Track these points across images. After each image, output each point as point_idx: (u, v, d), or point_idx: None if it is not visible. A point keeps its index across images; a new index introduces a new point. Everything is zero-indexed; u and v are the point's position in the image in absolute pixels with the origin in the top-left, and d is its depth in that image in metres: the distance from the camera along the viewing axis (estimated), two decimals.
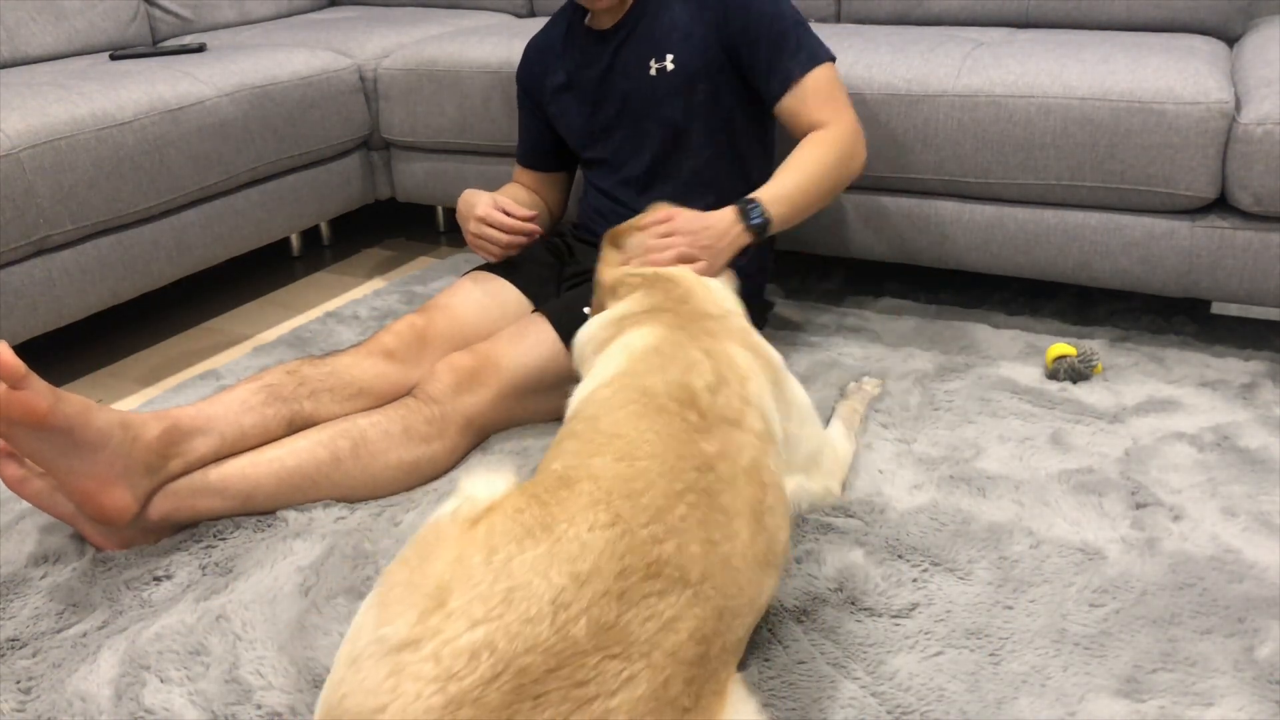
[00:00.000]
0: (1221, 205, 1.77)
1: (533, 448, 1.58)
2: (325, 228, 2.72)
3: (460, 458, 1.55)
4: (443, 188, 2.47)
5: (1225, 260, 1.77)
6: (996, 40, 2.05)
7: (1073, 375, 1.75)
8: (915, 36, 2.07)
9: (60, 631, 1.26)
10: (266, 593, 1.29)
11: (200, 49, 2.39)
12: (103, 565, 1.36)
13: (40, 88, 1.94)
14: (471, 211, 1.75)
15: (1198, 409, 1.65)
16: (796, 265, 2.32)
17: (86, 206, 1.88)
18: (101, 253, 1.94)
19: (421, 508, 1.46)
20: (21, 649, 1.23)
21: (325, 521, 1.42)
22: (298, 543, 1.38)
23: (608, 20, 1.76)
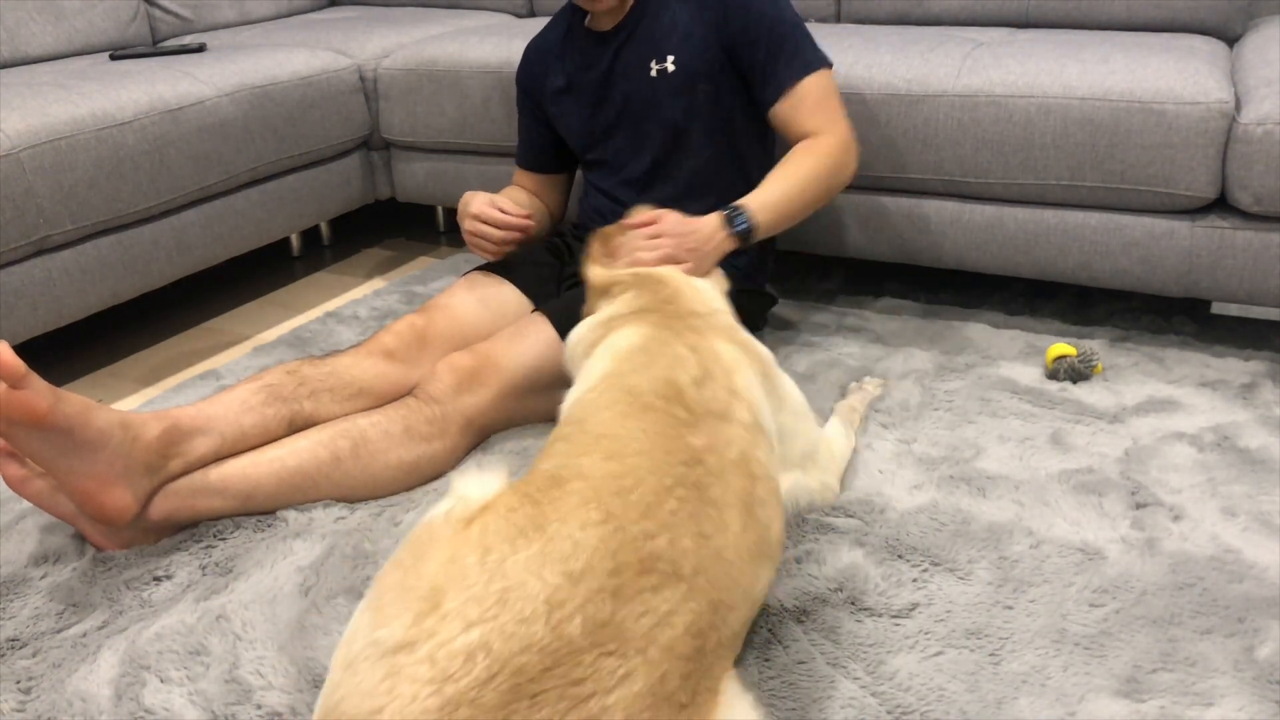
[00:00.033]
0: (1221, 205, 1.77)
1: (533, 448, 1.58)
2: (325, 228, 2.72)
3: (461, 457, 1.56)
4: (443, 188, 2.47)
5: (1225, 260, 1.77)
6: (996, 40, 2.05)
7: (1073, 375, 1.75)
8: (915, 36, 2.07)
9: (60, 631, 1.26)
10: (266, 593, 1.29)
11: (200, 49, 2.39)
12: (103, 565, 1.36)
13: (40, 88, 1.94)
14: (467, 210, 1.75)
15: (1198, 409, 1.65)
16: (796, 265, 2.32)
17: (86, 206, 1.88)
18: (101, 253, 1.94)
19: (421, 507, 1.46)
20: (21, 649, 1.23)
21: (325, 521, 1.42)
22: (298, 543, 1.38)
23: (608, 22, 1.76)
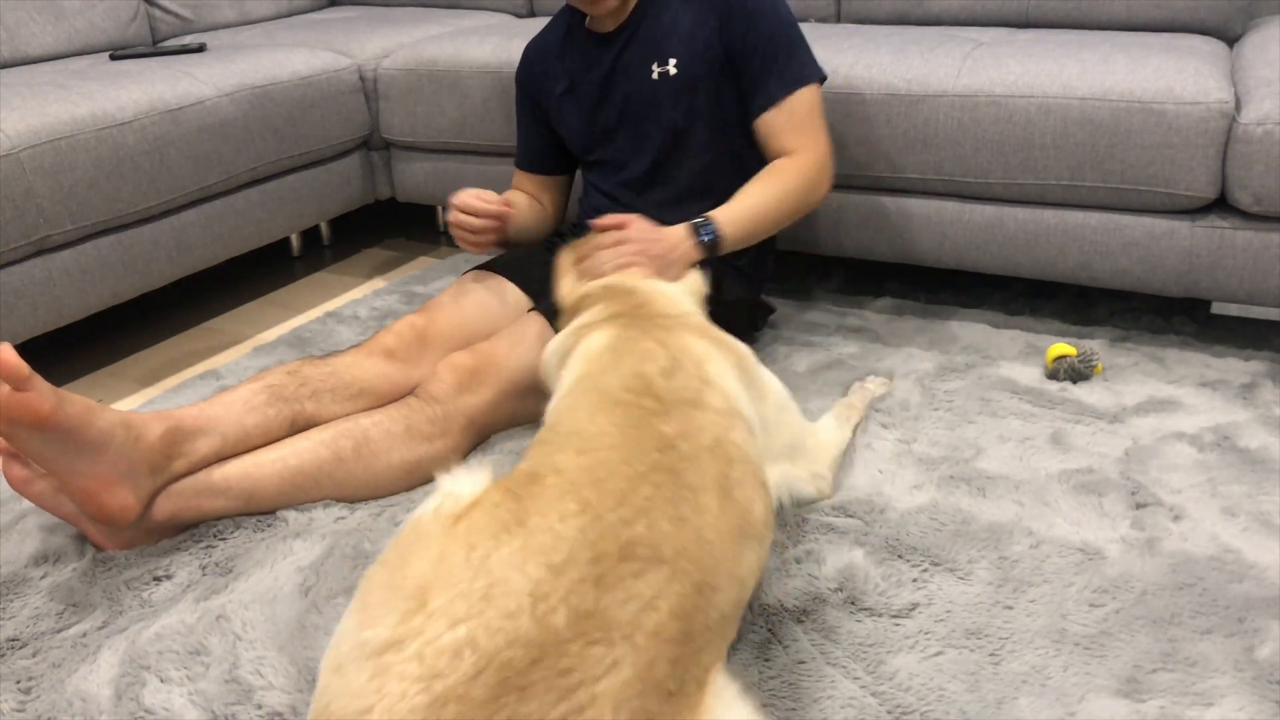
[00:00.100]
0: (1221, 205, 1.77)
1: None
2: (325, 228, 2.72)
3: (462, 457, 1.55)
4: (443, 188, 2.47)
5: (1225, 260, 1.77)
6: (996, 40, 2.05)
7: (1073, 375, 1.75)
8: (915, 36, 2.07)
9: (60, 631, 1.26)
10: (266, 593, 1.29)
11: (200, 49, 2.39)
12: (103, 565, 1.36)
13: (40, 88, 1.94)
14: (451, 203, 1.76)
15: (1198, 409, 1.65)
16: (796, 265, 2.32)
17: (86, 206, 1.88)
18: (101, 253, 1.94)
19: None
20: (21, 649, 1.23)
21: (325, 521, 1.42)
22: (298, 543, 1.38)
23: (610, 23, 1.76)
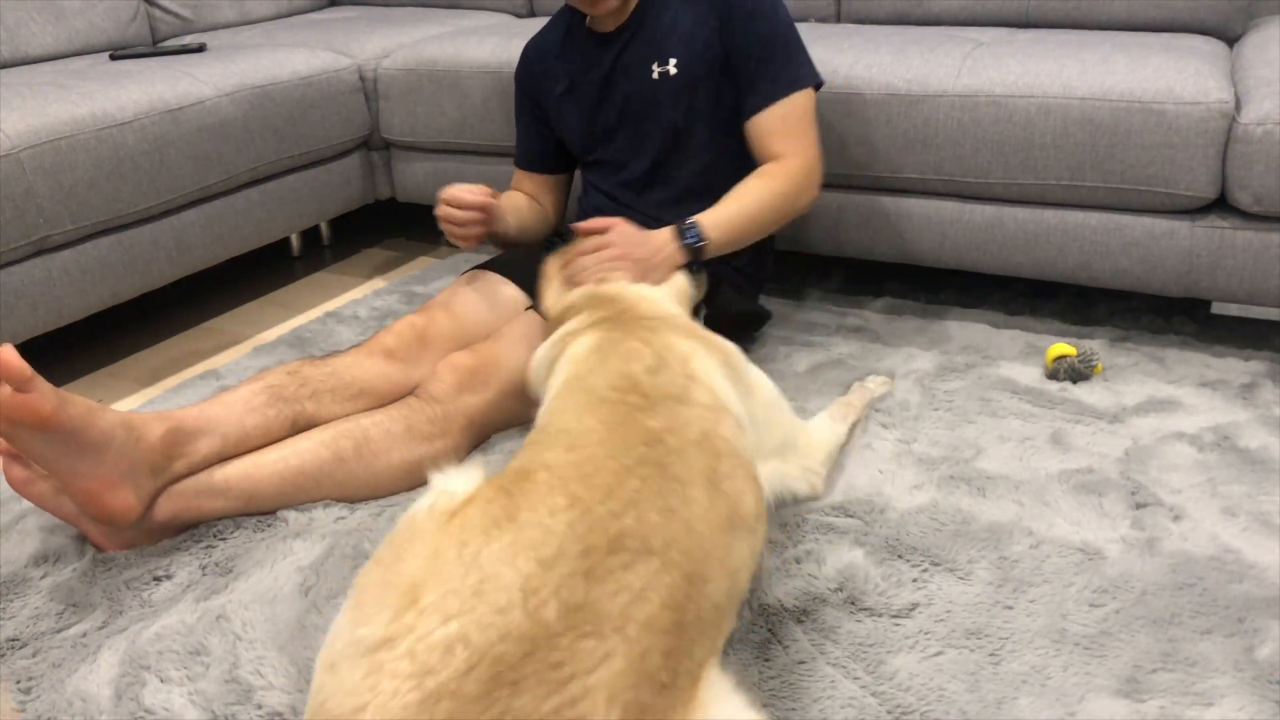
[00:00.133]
0: (1221, 205, 1.77)
1: None
2: (325, 228, 2.72)
3: (463, 457, 1.55)
4: (443, 188, 2.46)
5: (1225, 260, 1.77)
6: (996, 40, 2.05)
7: (1073, 375, 1.75)
8: (915, 36, 2.07)
9: (60, 631, 1.26)
10: (266, 593, 1.29)
11: (200, 49, 2.39)
12: (103, 565, 1.36)
13: (40, 88, 1.94)
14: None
15: (1198, 409, 1.65)
16: (796, 265, 2.32)
17: (86, 206, 1.88)
18: (101, 253, 1.94)
19: None
20: (21, 649, 1.23)
21: (325, 521, 1.42)
22: (298, 543, 1.38)
23: (610, 23, 1.76)
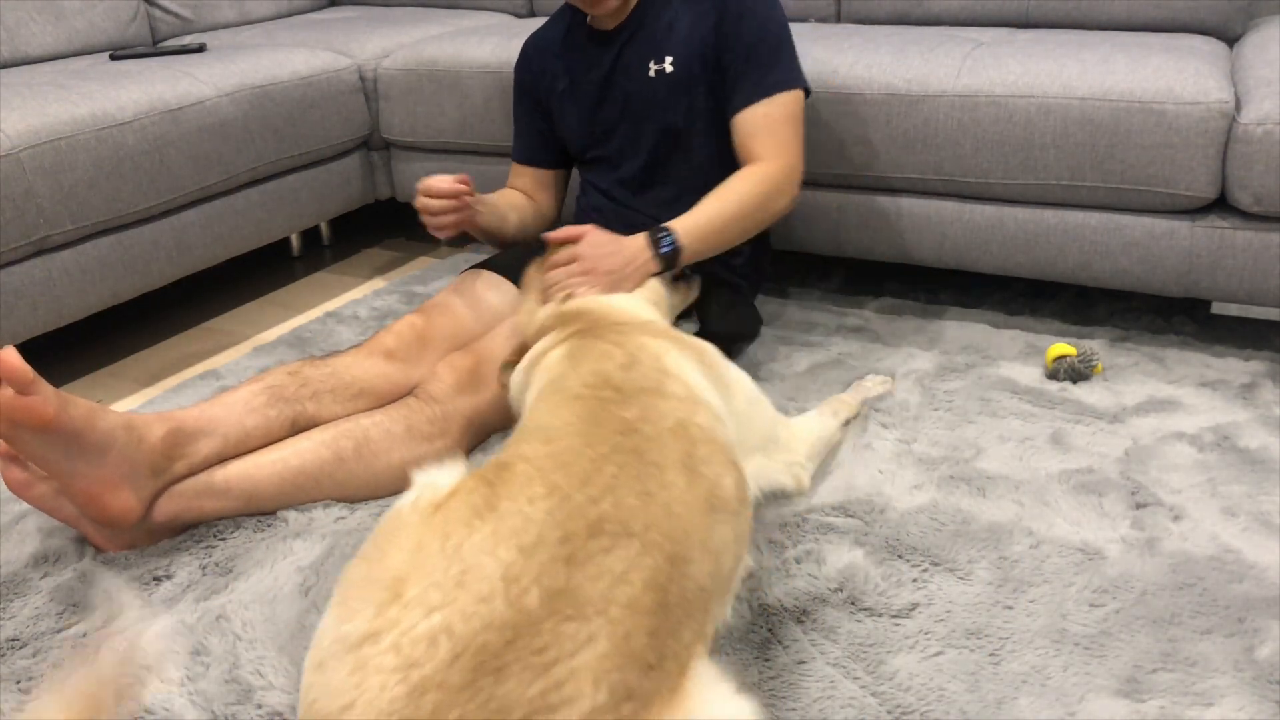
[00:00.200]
0: (1221, 205, 1.77)
1: None
2: (325, 228, 2.72)
3: (463, 457, 1.55)
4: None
5: (1225, 260, 1.77)
6: (996, 40, 2.05)
7: (1073, 375, 1.75)
8: (915, 36, 2.07)
9: (60, 631, 1.26)
10: (266, 593, 1.29)
11: (200, 49, 2.39)
12: (103, 565, 1.36)
13: (40, 88, 1.94)
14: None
15: (1198, 409, 1.65)
16: (796, 265, 2.32)
17: (86, 206, 1.88)
18: (101, 253, 1.94)
19: None
20: (21, 649, 1.23)
21: (325, 521, 1.42)
22: (298, 543, 1.38)
23: (610, 22, 1.76)
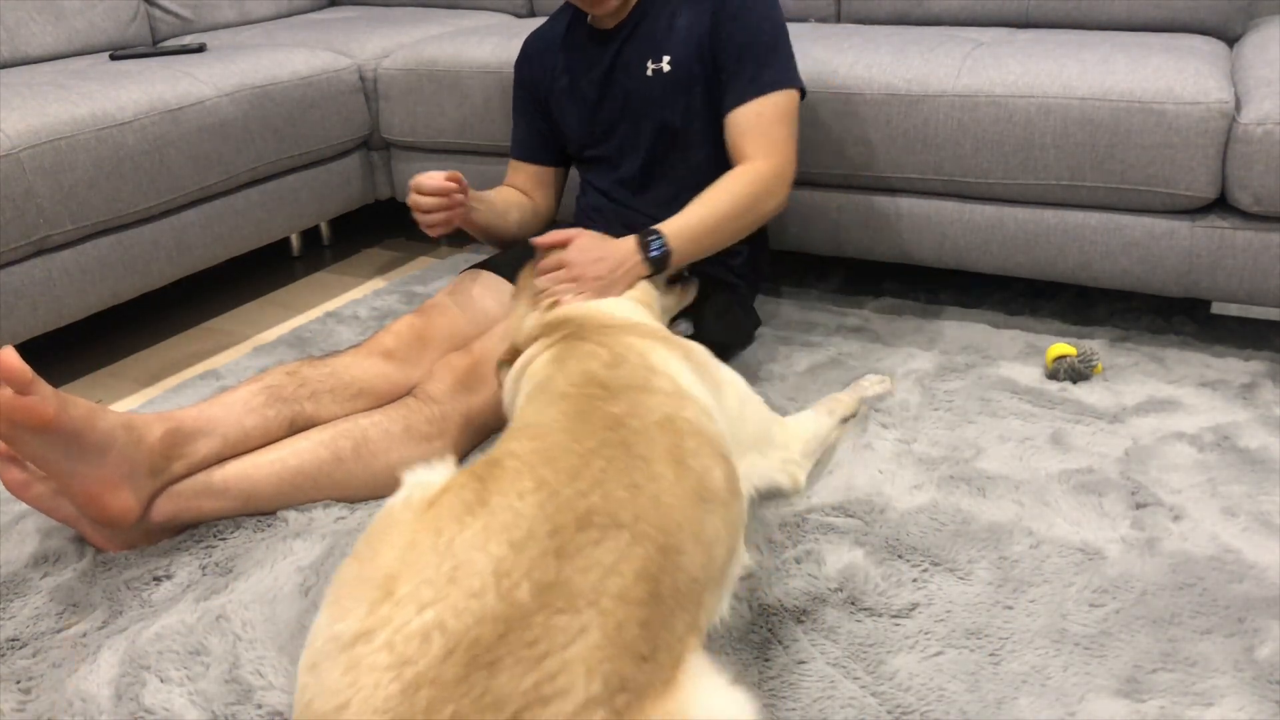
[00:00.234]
0: (1221, 205, 1.77)
1: None
2: (325, 228, 2.72)
3: (461, 457, 1.55)
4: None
5: (1225, 260, 1.77)
6: (996, 40, 2.05)
7: (1073, 375, 1.75)
8: (915, 36, 2.07)
9: (60, 631, 1.26)
10: (266, 593, 1.29)
11: (200, 49, 2.39)
12: (103, 565, 1.36)
13: (40, 88, 1.94)
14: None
15: (1198, 409, 1.65)
16: (796, 265, 2.32)
17: (86, 206, 1.88)
18: (101, 253, 1.94)
19: None
20: (21, 649, 1.23)
21: (325, 521, 1.42)
22: (298, 543, 1.38)
23: (610, 21, 1.76)
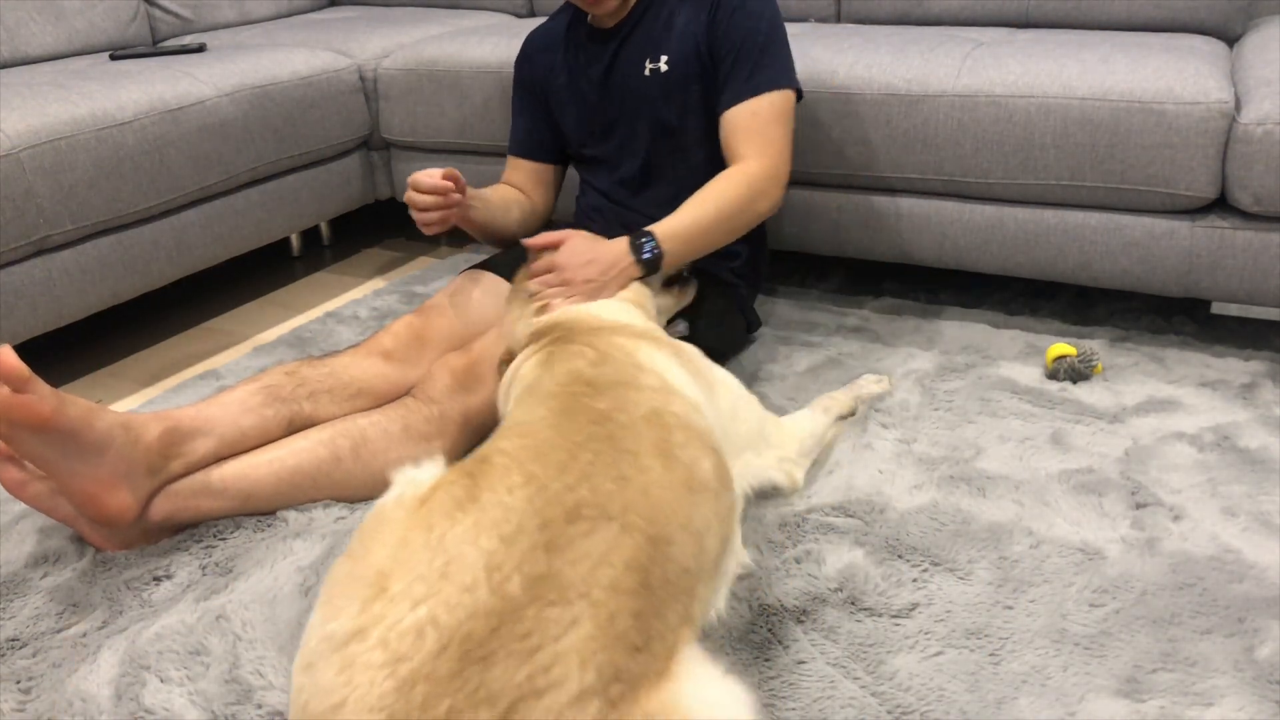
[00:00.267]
0: (1221, 205, 1.77)
1: None
2: (325, 228, 2.72)
3: (460, 457, 1.55)
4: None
5: (1225, 260, 1.77)
6: (996, 40, 2.05)
7: (1073, 375, 1.75)
8: (915, 36, 2.07)
9: (60, 631, 1.26)
10: (266, 593, 1.29)
11: (200, 49, 2.39)
12: (103, 565, 1.36)
13: (40, 88, 1.94)
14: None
15: (1198, 409, 1.65)
16: (796, 265, 2.32)
17: (86, 206, 1.88)
18: (101, 253, 1.94)
19: None
20: (21, 649, 1.23)
21: (325, 521, 1.42)
22: (298, 543, 1.38)
23: (610, 21, 1.76)
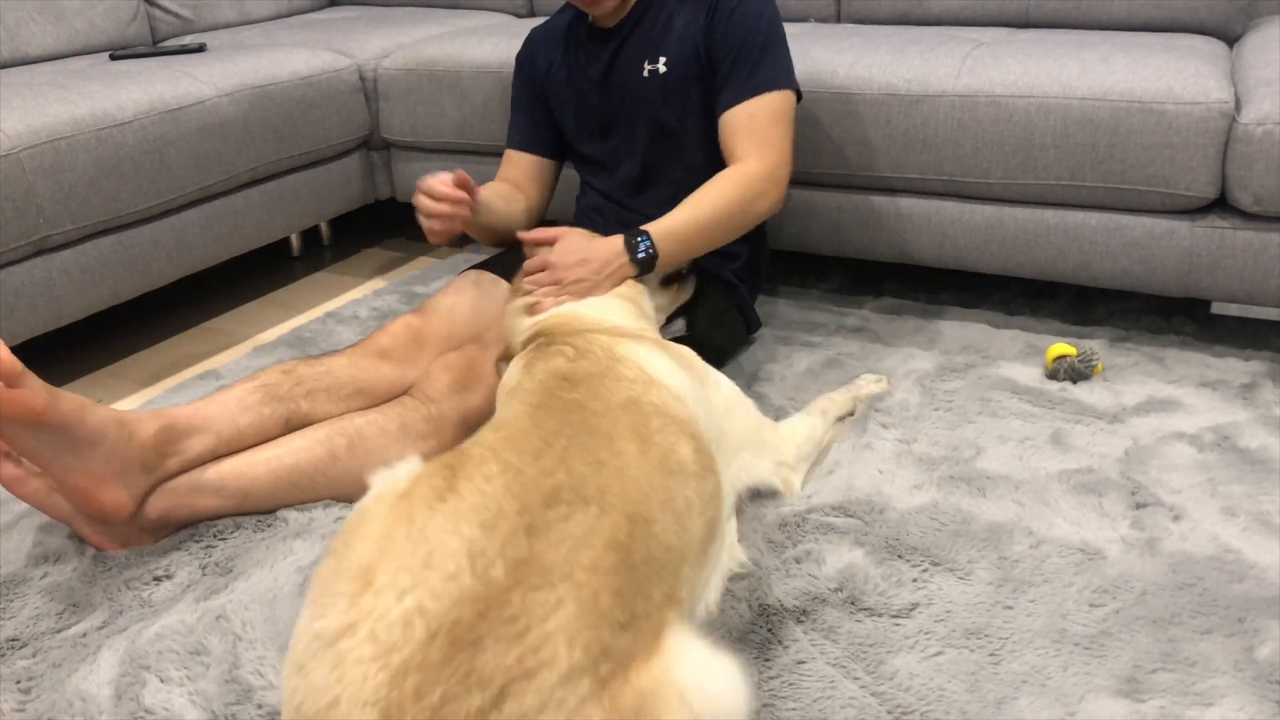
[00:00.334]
0: (1221, 205, 1.77)
1: None
2: (325, 228, 2.72)
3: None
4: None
5: (1225, 260, 1.77)
6: (996, 40, 2.05)
7: (1073, 375, 1.75)
8: (915, 36, 2.07)
9: (60, 631, 1.26)
10: (266, 593, 1.29)
11: (200, 49, 2.39)
12: (103, 565, 1.36)
13: (40, 88, 1.94)
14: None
15: (1198, 409, 1.65)
16: (796, 265, 2.32)
17: (86, 206, 1.88)
18: (101, 253, 1.94)
19: None
20: (21, 649, 1.23)
21: (325, 521, 1.42)
22: (298, 543, 1.38)
23: (610, 21, 1.76)
